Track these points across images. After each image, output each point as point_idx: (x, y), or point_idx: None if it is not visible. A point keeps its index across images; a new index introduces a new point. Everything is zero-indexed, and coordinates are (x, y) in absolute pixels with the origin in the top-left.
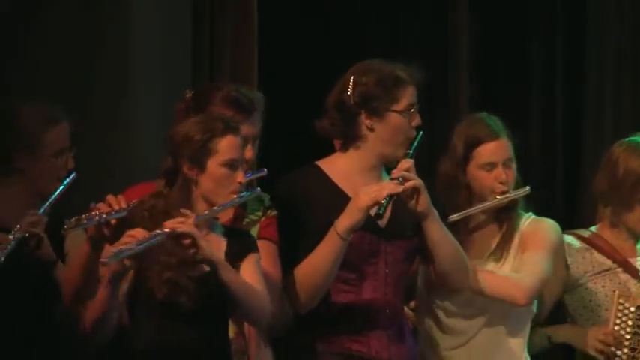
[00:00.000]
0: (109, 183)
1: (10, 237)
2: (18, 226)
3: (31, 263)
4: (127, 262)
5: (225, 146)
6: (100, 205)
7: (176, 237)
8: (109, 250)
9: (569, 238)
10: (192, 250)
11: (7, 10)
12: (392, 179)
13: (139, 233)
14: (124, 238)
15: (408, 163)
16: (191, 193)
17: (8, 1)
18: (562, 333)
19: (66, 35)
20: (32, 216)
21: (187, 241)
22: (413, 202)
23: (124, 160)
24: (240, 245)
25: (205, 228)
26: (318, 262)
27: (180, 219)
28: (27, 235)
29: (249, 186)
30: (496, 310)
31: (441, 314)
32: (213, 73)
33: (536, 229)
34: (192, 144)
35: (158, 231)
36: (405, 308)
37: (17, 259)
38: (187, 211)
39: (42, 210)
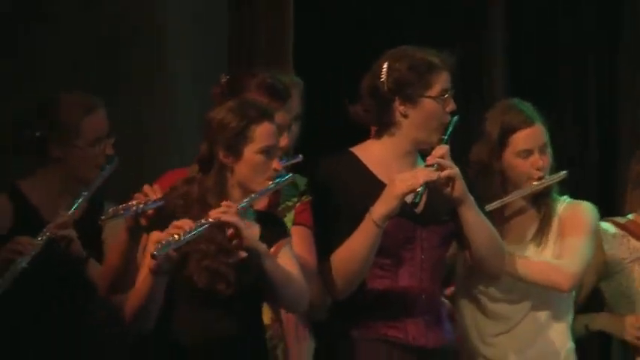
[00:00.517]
0: (145, 169)
1: (39, 240)
2: (46, 228)
3: (61, 262)
4: (173, 254)
5: (261, 133)
6: (137, 194)
7: (220, 226)
8: (155, 240)
9: (605, 225)
10: (235, 240)
11: None
12: (427, 166)
13: (185, 224)
14: (171, 229)
15: (442, 149)
16: (226, 180)
17: None
18: (599, 321)
19: (105, 20)
20: (61, 217)
21: (231, 231)
22: (448, 188)
23: (159, 146)
24: (271, 231)
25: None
26: (354, 250)
27: (223, 208)
28: (55, 237)
29: (284, 172)
30: (539, 294)
31: (484, 300)
32: (250, 57)
33: (575, 212)
34: (227, 131)
35: (203, 221)
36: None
37: (47, 258)
38: (229, 202)
39: (80, 200)
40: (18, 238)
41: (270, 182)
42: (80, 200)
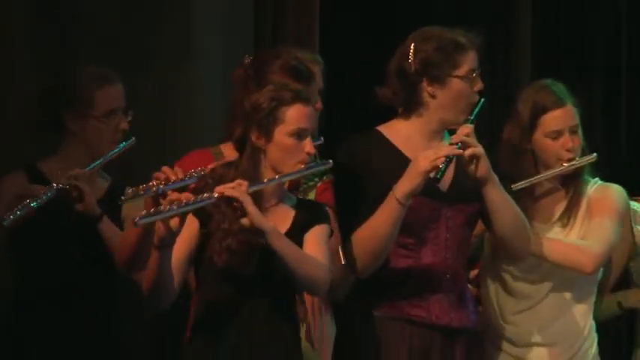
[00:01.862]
0: (169, 148)
1: (52, 187)
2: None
3: (75, 216)
4: (174, 226)
5: (292, 115)
6: (157, 174)
7: (226, 202)
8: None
9: (635, 205)
10: (242, 218)
11: None
12: (451, 144)
13: (184, 196)
14: (165, 202)
15: (467, 128)
16: (260, 162)
17: None
18: (632, 298)
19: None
20: (75, 170)
21: (236, 205)
22: (472, 167)
23: (183, 124)
24: (307, 217)
25: (275, 198)
26: (376, 227)
27: (233, 184)
28: (67, 187)
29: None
30: (562, 275)
31: (507, 277)
32: (275, 36)
33: (604, 195)
34: (259, 112)
35: (206, 194)
36: None
37: (60, 211)
38: (241, 180)
39: (91, 167)
40: (31, 185)
41: (303, 166)
42: (92, 166)
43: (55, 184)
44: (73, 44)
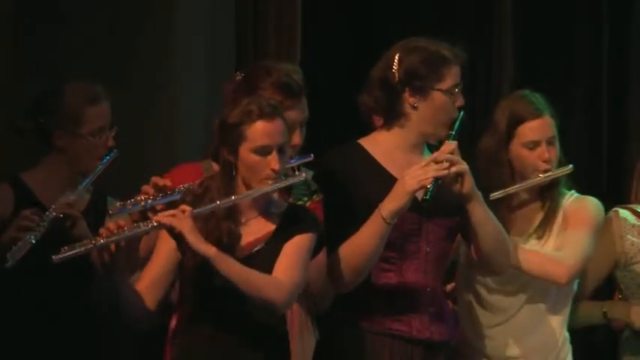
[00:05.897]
0: (150, 161)
1: (45, 216)
2: (52, 206)
3: (67, 242)
4: (108, 256)
5: (255, 132)
6: (145, 187)
7: (168, 230)
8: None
9: (625, 213)
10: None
11: None
12: (436, 162)
13: (121, 224)
14: (103, 231)
15: (451, 145)
16: (233, 177)
17: None
18: (619, 310)
19: (110, 9)
20: (67, 196)
21: (177, 233)
22: (458, 184)
23: (164, 137)
24: (289, 227)
25: (255, 211)
26: (361, 244)
27: (173, 212)
28: (61, 215)
29: (293, 171)
30: (537, 287)
31: (482, 290)
32: (256, 49)
33: (580, 207)
34: (226, 129)
35: (144, 223)
36: None
37: (53, 238)
38: (185, 206)
39: (82, 186)
40: (23, 212)
41: (270, 182)
42: (84, 185)
43: (49, 213)
44: (52, 58)
